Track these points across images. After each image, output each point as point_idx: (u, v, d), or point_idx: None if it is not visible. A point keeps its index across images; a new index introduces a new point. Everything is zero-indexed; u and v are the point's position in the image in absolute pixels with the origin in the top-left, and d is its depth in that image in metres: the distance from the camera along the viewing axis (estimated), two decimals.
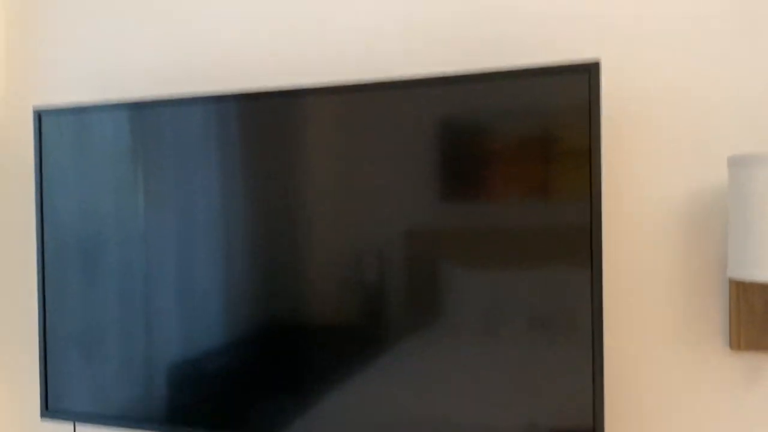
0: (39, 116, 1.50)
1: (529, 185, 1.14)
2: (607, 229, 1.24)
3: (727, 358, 1.18)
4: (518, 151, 1.14)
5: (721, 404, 1.18)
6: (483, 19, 1.31)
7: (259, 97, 1.29)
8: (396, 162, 1.20)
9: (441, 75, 1.17)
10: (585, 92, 1.11)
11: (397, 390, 1.20)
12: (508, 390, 1.14)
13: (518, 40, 1.29)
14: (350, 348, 1.23)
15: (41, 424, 1.72)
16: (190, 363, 1.34)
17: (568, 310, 1.11)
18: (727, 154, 1.17)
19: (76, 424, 1.63)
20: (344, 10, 1.41)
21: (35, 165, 1.50)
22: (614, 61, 1.23)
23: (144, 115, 1.39)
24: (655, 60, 1.21)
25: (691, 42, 1.19)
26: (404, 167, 1.20)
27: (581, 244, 1.11)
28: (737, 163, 1.05)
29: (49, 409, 1.49)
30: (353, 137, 1.23)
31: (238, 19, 1.51)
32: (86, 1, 1.68)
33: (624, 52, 1.23)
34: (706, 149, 1.19)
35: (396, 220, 1.20)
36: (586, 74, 1.10)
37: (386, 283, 1.20)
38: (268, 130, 1.28)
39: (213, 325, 1.32)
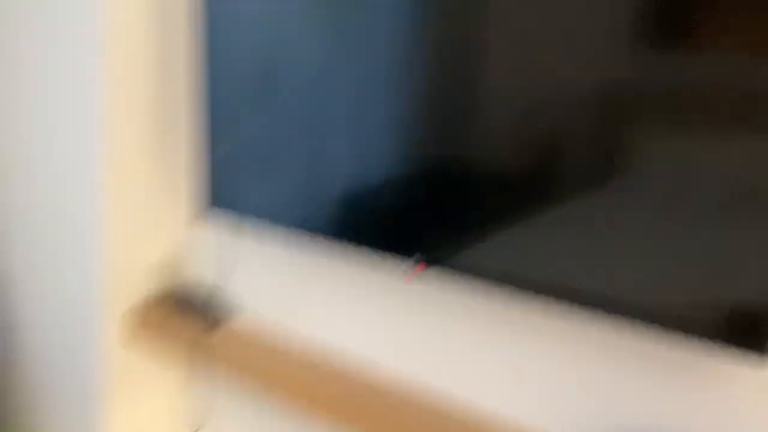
0: None
1: (748, 34, 0.99)
2: None
3: None
4: None
5: None
6: None
7: None
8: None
9: None
10: None
11: (567, 246, 1.15)
12: (687, 262, 1.07)
13: None
14: (523, 194, 1.20)
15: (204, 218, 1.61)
16: (360, 184, 1.38)
17: None
18: None
19: (242, 220, 1.62)
20: None
21: None
22: None
23: None
24: None
25: None
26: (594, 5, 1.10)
27: None
28: None
29: (214, 203, 1.51)
30: None
31: None
32: None
33: None
34: None
35: (581, 64, 1.12)
36: None
37: (567, 132, 1.15)
38: None
39: (387, 149, 1.33)
